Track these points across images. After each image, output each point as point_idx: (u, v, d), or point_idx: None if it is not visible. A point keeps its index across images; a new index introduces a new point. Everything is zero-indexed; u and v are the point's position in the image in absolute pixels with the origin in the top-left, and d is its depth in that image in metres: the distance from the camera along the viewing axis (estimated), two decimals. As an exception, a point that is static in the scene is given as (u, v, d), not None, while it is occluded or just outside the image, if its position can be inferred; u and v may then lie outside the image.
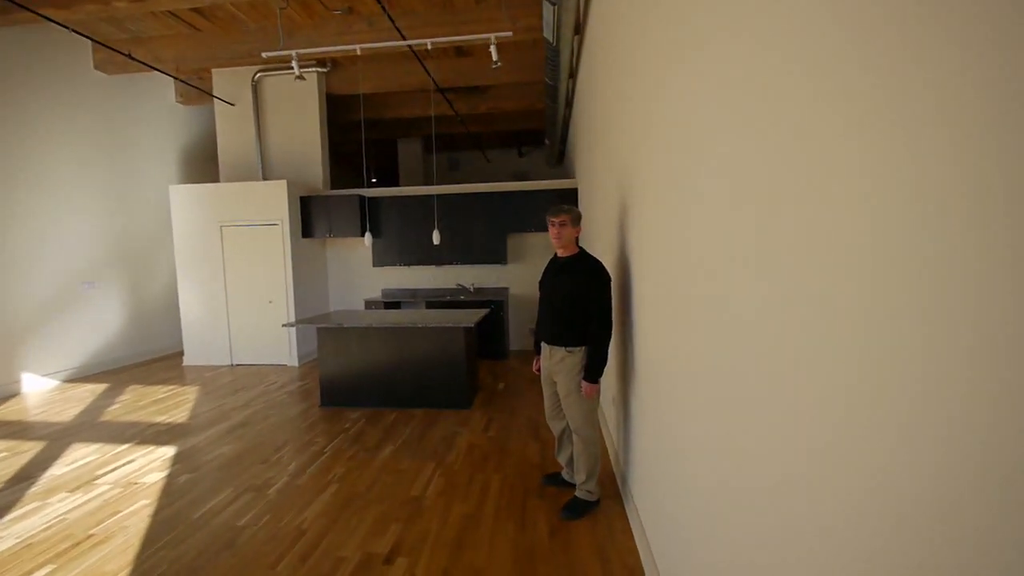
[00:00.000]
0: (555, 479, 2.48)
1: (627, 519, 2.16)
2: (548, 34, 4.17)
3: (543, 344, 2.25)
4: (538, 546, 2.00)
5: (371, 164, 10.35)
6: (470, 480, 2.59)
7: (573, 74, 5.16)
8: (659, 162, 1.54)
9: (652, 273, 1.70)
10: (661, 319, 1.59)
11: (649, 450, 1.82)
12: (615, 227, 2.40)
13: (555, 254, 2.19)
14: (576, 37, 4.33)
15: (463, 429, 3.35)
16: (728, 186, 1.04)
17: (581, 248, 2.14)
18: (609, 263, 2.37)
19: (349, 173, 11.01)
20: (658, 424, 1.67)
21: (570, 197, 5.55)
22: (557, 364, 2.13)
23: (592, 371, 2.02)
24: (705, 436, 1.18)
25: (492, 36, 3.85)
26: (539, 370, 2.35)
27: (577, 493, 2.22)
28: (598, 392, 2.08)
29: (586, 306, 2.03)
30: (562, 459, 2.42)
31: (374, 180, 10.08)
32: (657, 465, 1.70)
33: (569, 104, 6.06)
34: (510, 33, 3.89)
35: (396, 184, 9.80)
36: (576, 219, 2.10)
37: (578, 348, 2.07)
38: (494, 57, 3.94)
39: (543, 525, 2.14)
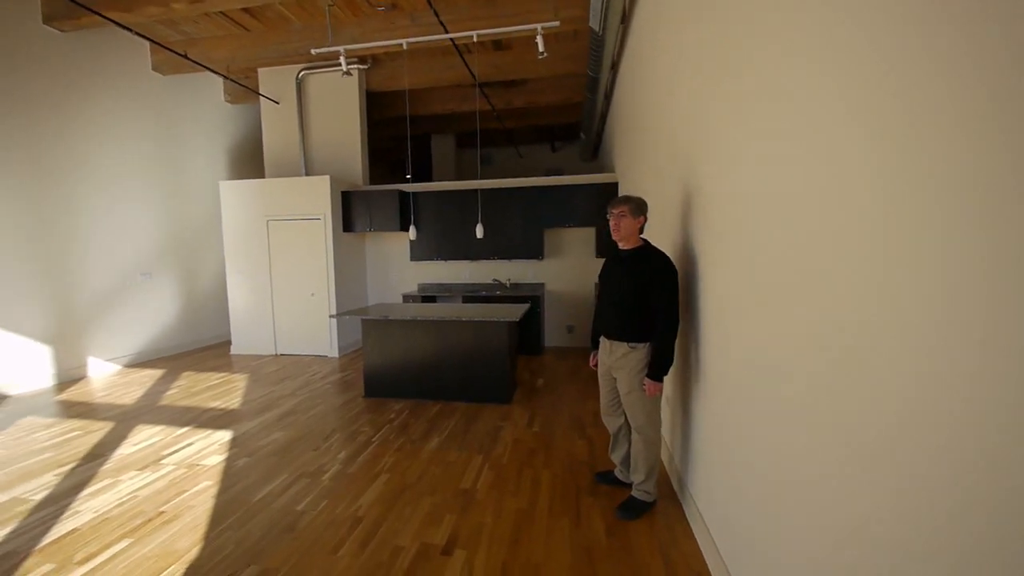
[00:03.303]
0: (607, 477, 2.42)
1: (687, 522, 2.08)
2: (594, 23, 4.07)
3: (602, 339, 2.19)
4: (596, 545, 1.95)
5: (406, 160, 10.47)
6: (519, 475, 2.56)
7: (615, 65, 5.04)
8: (738, 151, 1.45)
9: (728, 268, 1.61)
10: (741, 316, 1.50)
11: (719, 454, 1.74)
12: (675, 220, 2.31)
13: (617, 246, 2.12)
14: (621, 26, 4.21)
15: (506, 423, 3.33)
16: (828, 174, 0.95)
17: (645, 240, 2.06)
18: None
19: (383, 169, 11.19)
20: (733, 426, 1.58)
21: (610, 192, 5.43)
22: (618, 360, 2.06)
23: (657, 369, 1.95)
24: (802, 442, 1.10)
25: (539, 26, 3.78)
26: (596, 365, 2.29)
27: (634, 492, 2.15)
28: (661, 391, 2.00)
29: (650, 301, 1.95)
30: (616, 457, 2.36)
31: (408, 176, 10.19)
32: (731, 470, 1.61)
33: (608, 97, 5.94)
34: (557, 23, 3.83)
35: (428, 179, 9.89)
36: (636, 209, 2.01)
37: (641, 344, 2.00)
38: (540, 48, 3.88)
39: (599, 523, 2.09)
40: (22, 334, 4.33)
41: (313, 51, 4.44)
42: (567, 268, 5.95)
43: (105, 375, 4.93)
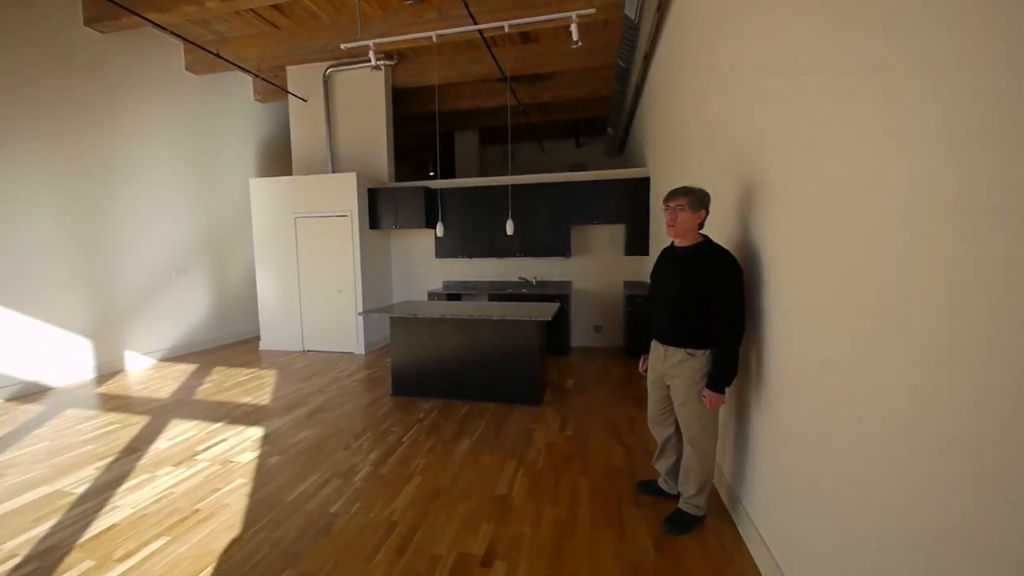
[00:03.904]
0: (650, 487, 2.29)
1: (741, 539, 1.94)
2: (630, 10, 3.91)
3: (655, 343, 2.04)
4: (645, 560, 1.83)
5: (429, 157, 10.48)
6: (556, 481, 2.46)
7: (648, 55, 4.85)
8: (828, 142, 1.30)
9: (801, 267, 1.46)
10: (817, 320, 1.36)
11: (785, 470, 1.59)
12: (730, 215, 2.14)
13: (671, 243, 1.98)
14: (657, 13, 4.03)
15: (538, 426, 3.23)
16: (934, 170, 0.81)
17: (705, 236, 1.89)
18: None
19: (406, 167, 11.22)
20: (803, 441, 1.44)
21: (641, 187, 5.26)
22: (674, 367, 1.91)
23: (720, 379, 1.79)
24: (891, 461, 0.96)
25: (574, 14, 3.65)
26: (646, 370, 2.15)
27: (682, 506, 2.02)
28: (723, 403, 1.84)
29: (711, 303, 1.79)
30: (661, 467, 2.22)
31: (432, 173, 10.20)
32: (799, 488, 1.47)
33: (639, 89, 5.74)
34: (593, 10, 3.68)
35: (451, 176, 9.86)
36: (697, 202, 1.84)
37: (700, 351, 1.84)
38: (575, 36, 3.74)
39: (646, 537, 1.97)
40: (65, 328, 4.46)
41: (343, 46, 4.42)
42: (595, 266, 5.80)
43: (141, 369, 5.06)
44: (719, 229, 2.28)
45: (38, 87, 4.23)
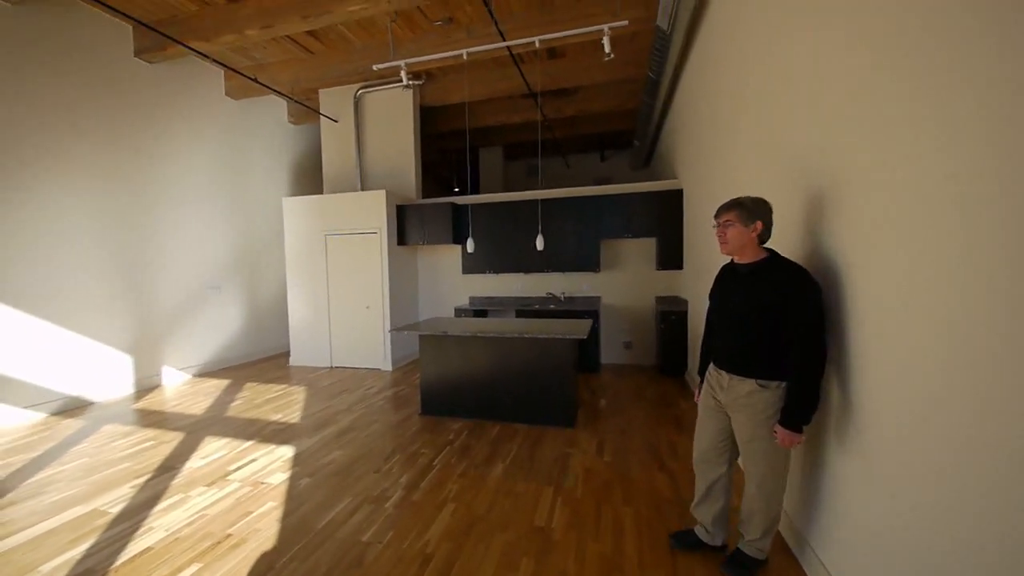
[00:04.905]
0: (686, 539, 1.98)
1: (813, 587, 1.73)
2: (662, 21, 3.84)
3: (715, 370, 1.84)
4: (705, 610, 1.65)
5: (453, 173, 10.59)
6: (598, 513, 2.30)
7: (678, 66, 4.76)
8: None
9: (906, 276, 1.28)
10: (939, 345, 1.20)
11: (879, 525, 1.40)
12: (792, 224, 1.97)
13: (731, 259, 1.82)
14: (689, 24, 3.94)
15: (574, 450, 3.08)
16: None
17: (772, 251, 1.71)
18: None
19: (431, 183, 11.38)
20: (914, 500, 1.26)
21: (673, 200, 5.11)
22: (740, 399, 1.71)
23: (797, 415, 1.56)
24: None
25: (605, 27, 3.61)
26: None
27: (745, 548, 1.83)
28: (800, 443, 1.61)
29: (785, 327, 1.59)
30: (703, 514, 1.94)
31: (456, 189, 10.30)
32: (899, 546, 1.29)
33: (668, 100, 5.65)
34: (626, 22, 3.63)
35: (476, 192, 9.91)
36: (747, 215, 1.67)
37: (774, 382, 1.63)
38: (607, 48, 3.70)
39: (703, 582, 1.79)
40: (106, 343, 4.60)
41: (376, 67, 4.51)
42: (625, 281, 5.65)
43: (176, 384, 5.16)
44: (781, 242, 2.11)
45: (91, 116, 4.46)
